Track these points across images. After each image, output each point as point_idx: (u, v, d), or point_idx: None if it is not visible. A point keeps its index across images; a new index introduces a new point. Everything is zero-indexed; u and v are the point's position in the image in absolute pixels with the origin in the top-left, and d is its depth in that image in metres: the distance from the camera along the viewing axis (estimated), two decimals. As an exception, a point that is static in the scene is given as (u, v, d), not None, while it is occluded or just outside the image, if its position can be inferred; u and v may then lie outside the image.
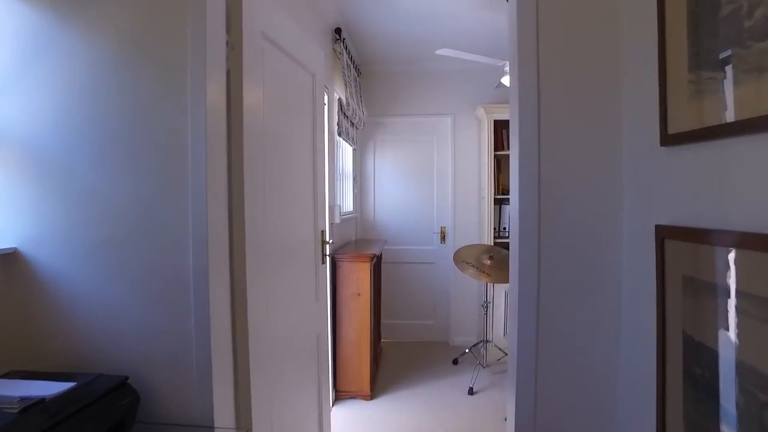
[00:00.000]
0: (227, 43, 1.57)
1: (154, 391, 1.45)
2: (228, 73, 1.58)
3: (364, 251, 3.63)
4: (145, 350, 1.45)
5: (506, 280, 3.68)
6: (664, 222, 1.10)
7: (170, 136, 1.43)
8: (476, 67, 4.59)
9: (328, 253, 2.50)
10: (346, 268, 3.44)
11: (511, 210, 1.50)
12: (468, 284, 4.61)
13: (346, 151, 4.46)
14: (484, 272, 3.68)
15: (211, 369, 1.44)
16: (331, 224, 3.42)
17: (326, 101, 3.32)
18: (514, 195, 1.46)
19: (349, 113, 3.83)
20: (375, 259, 3.59)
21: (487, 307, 3.93)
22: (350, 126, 4.16)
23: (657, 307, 1.09)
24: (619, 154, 1.39)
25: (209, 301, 1.43)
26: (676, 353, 1.01)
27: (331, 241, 2.46)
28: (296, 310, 2.11)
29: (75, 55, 1.45)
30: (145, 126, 1.44)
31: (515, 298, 1.43)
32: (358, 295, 3.44)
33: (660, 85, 1.05)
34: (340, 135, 3.68)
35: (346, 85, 3.71)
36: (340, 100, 3.63)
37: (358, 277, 3.44)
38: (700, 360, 0.93)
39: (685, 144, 0.99)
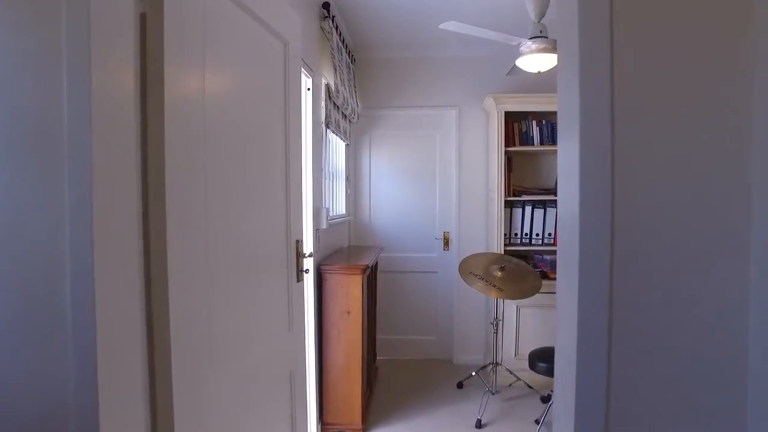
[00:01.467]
0: (140, -26, 1.09)
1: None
2: (143, 19, 1.10)
3: (355, 261, 3.14)
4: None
5: (520, 296, 3.20)
6: None
7: (37, 112, 0.94)
8: (484, 53, 4.10)
9: (306, 268, 2.02)
10: (335, 281, 2.96)
11: (563, 224, 1.00)
12: (475, 296, 4.12)
13: (338, 147, 3.98)
14: (494, 286, 3.18)
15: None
16: (317, 230, 2.93)
17: (310, 86, 2.84)
18: (569, 204, 0.96)
19: (339, 102, 3.35)
20: (368, 271, 3.10)
21: (497, 325, 3.44)
22: (342, 118, 3.68)
23: None
24: (745, 123, 0.90)
25: (96, 346, 0.94)
26: None
27: (308, 254, 1.98)
28: (258, 346, 1.62)
29: None
30: (5, 96, 0.96)
31: (567, 357, 0.94)
32: (348, 313, 2.95)
33: None
34: (328, 127, 3.20)
35: (335, 70, 3.23)
36: (328, 86, 3.14)
37: (348, 293, 2.95)
38: None
39: None
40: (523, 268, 3.41)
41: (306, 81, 2.83)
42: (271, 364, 1.75)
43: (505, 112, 3.72)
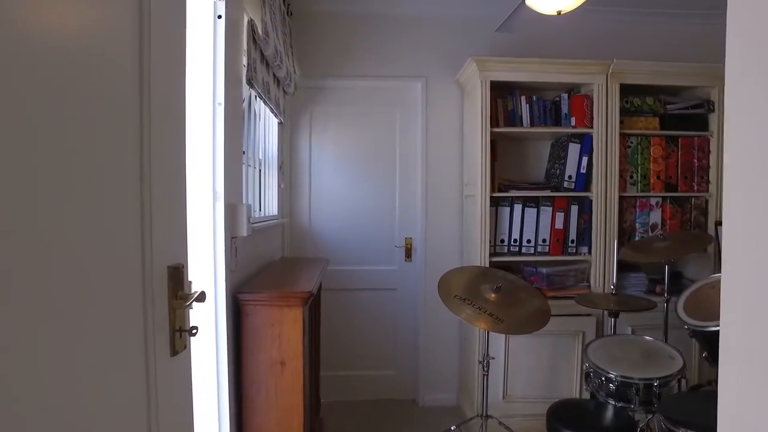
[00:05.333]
0: None
1: None
2: None
3: (292, 285, 2.14)
4: None
5: (528, 328, 2.34)
6: None
7: None
8: (460, 12, 3.24)
9: (194, 326, 1.01)
10: (261, 317, 1.94)
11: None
12: (444, 318, 3.22)
13: (269, 124, 2.94)
14: (488, 313, 2.29)
15: None
16: (233, 239, 1.90)
17: (223, 13, 1.81)
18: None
19: (269, 53, 2.33)
20: (311, 299, 2.10)
21: (487, 364, 2.56)
22: (273, 83, 2.66)
23: None
24: None
25: None
26: None
27: (197, 294, 0.96)
28: None
29: None
30: None
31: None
32: (282, 364, 1.94)
33: None
34: (252, 86, 2.17)
35: (264, 4, 2.21)
36: (252, 24, 2.12)
37: (281, 334, 1.94)
38: None
39: None
40: (521, 285, 2.56)
41: (217, 4, 1.80)
42: None
43: (492, 82, 2.86)
